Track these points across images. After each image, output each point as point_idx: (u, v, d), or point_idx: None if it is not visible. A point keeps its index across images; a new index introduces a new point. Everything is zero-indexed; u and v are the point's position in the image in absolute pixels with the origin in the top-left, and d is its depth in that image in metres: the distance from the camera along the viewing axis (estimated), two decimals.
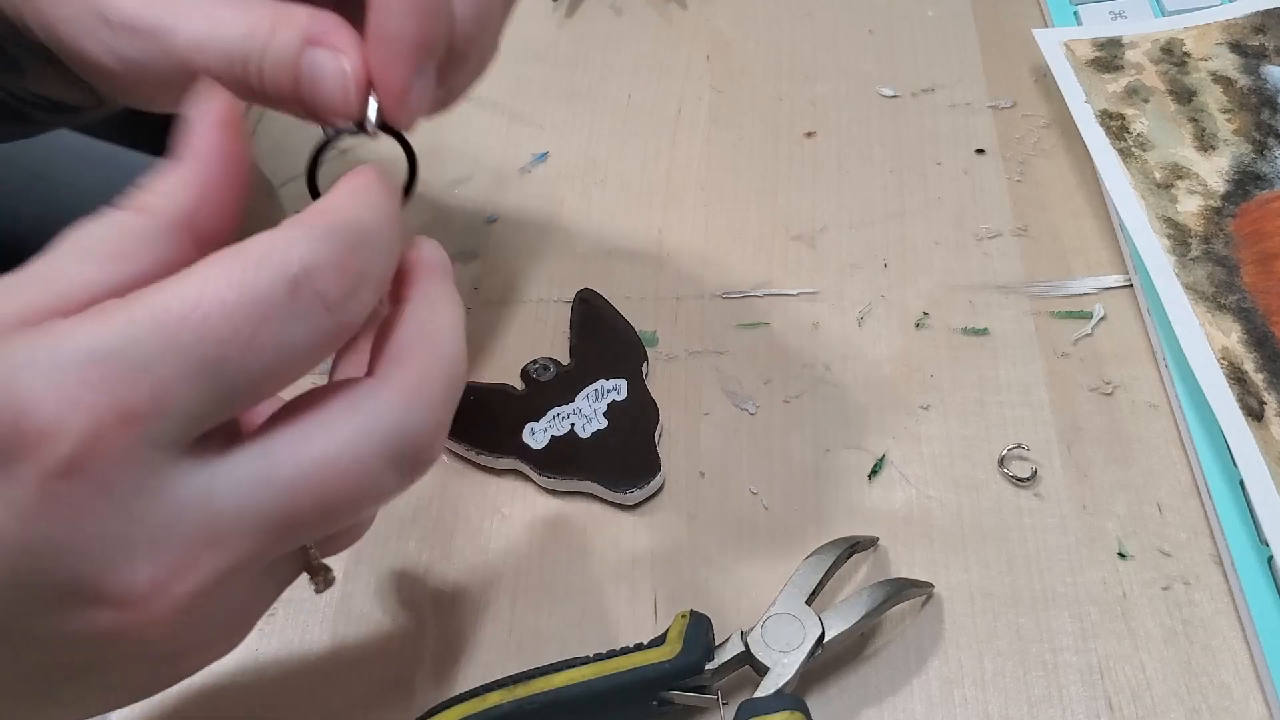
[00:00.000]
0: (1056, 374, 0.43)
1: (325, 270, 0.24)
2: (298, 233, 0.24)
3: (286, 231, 0.24)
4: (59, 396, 0.21)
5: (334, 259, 0.24)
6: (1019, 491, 0.40)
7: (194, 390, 0.22)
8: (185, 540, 0.23)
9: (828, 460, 0.41)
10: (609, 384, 0.42)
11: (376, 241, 0.25)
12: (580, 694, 0.34)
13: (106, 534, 0.22)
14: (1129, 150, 0.46)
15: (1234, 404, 0.38)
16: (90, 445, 0.22)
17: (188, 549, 0.23)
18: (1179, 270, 0.42)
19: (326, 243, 0.24)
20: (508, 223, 0.49)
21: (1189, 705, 0.35)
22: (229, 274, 0.23)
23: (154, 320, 0.22)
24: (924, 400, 0.42)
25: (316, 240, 0.24)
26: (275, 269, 0.23)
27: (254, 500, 0.24)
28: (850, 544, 0.37)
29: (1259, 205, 0.44)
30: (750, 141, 0.52)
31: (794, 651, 0.35)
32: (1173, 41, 0.50)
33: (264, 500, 0.24)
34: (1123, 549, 0.38)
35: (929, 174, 0.50)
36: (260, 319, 0.23)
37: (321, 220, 0.25)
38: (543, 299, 0.47)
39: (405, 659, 0.38)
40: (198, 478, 0.23)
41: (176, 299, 0.22)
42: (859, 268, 0.47)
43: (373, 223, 0.25)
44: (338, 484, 0.24)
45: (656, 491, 0.41)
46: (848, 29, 0.56)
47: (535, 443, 0.41)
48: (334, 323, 0.24)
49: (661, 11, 0.58)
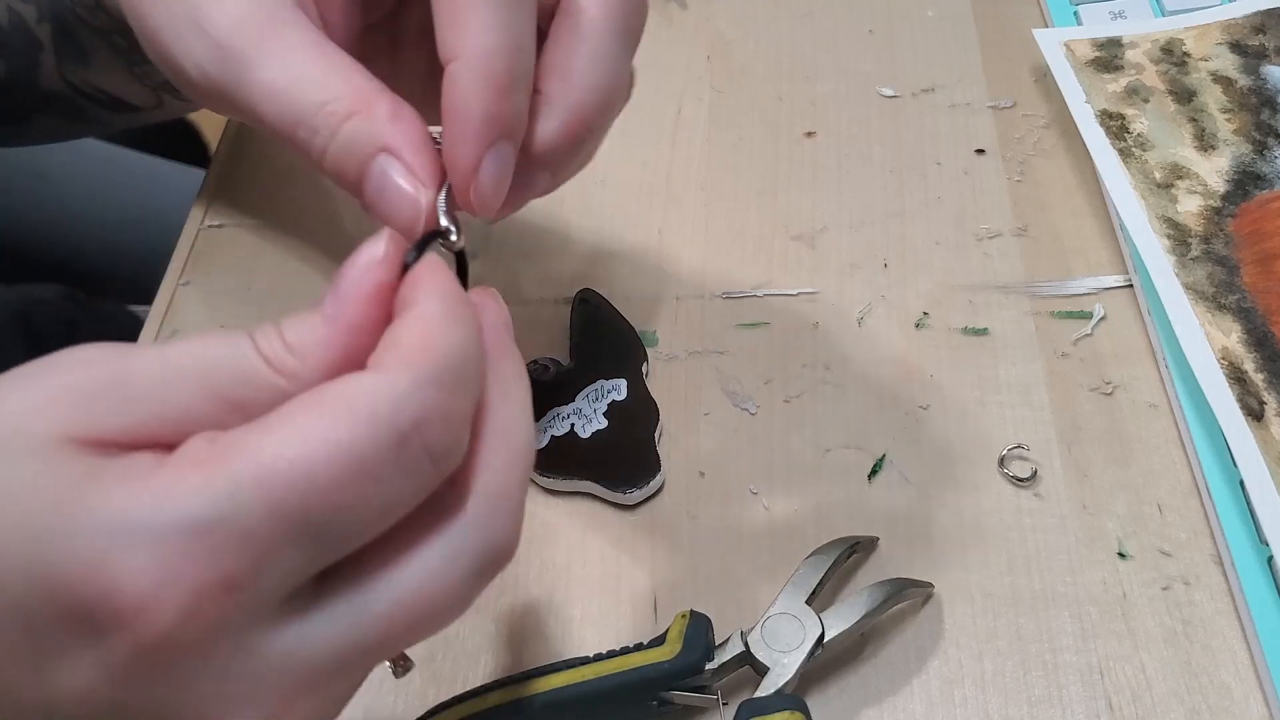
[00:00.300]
0: (1056, 374, 0.43)
1: (434, 424, 0.22)
2: (405, 382, 0.22)
3: (392, 378, 0.22)
4: (160, 570, 0.21)
5: (441, 409, 0.23)
6: (1019, 491, 0.40)
7: (296, 553, 0.22)
8: (283, 690, 0.23)
9: (828, 460, 0.41)
10: (609, 384, 0.42)
11: (474, 373, 0.24)
12: (580, 694, 0.34)
13: (204, 694, 0.22)
14: (1129, 150, 0.46)
15: (1234, 404, 0.38)
16: (189, 617, 0.21)
17: (285, 697, 0.23)
18: (1179, 270, 0.42)
19: (434, 391, 0.22)
20: (508, 223, 0.49)
21: (1189, 705, 0.35)
22: (335, 429, 0.22)
23: (258, 484, 0.21)
24: (924, 400, 0.42)
25: (424, 389, 0.22)
26: (384, 426, 0.22)
27: (348, 643, 0.23)
28: (850, 544, 0.37)
29: (1259, 205, 0.44)
30: (750, 141, 0.52)
31: (794, 651, 0.35)
32: (1173, 41, 0.50)
33: (358, 641, 0.23)
34: (1123, 549, 0.38)
35: (929, 174, 0.50)
36: (367, 479, 0.22)
37: (425, 362, 0.23)
38: (543, 299, 0.47)
39: None
40: (294, 630, 0.23)
41: (282, 459, 0.21)
42: (859, 268, 0.47)
43: (470, 353, 0.24)
44: (430, 610, 0.24)
45: (656, 491, 0.41)
46: (848, 29, 0.56)
47: (535, 443, 0.41)
48: (436, 473, 0.23)
49: (661, 11, 0.58)
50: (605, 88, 0.31)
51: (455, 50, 0.28)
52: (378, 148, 0.28)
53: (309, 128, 0.29)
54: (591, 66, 0.30)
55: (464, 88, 0.28)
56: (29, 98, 0.43)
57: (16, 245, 0.70)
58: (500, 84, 0.28)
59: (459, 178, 0.28)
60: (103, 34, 0.33)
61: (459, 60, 0.28)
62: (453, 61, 0.28)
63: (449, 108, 0.28)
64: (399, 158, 0.28)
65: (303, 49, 0.29)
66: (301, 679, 0.23)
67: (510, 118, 0.28)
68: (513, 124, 0.29)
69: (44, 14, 0.39)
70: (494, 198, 0.29)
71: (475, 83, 0.28)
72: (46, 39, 0.40)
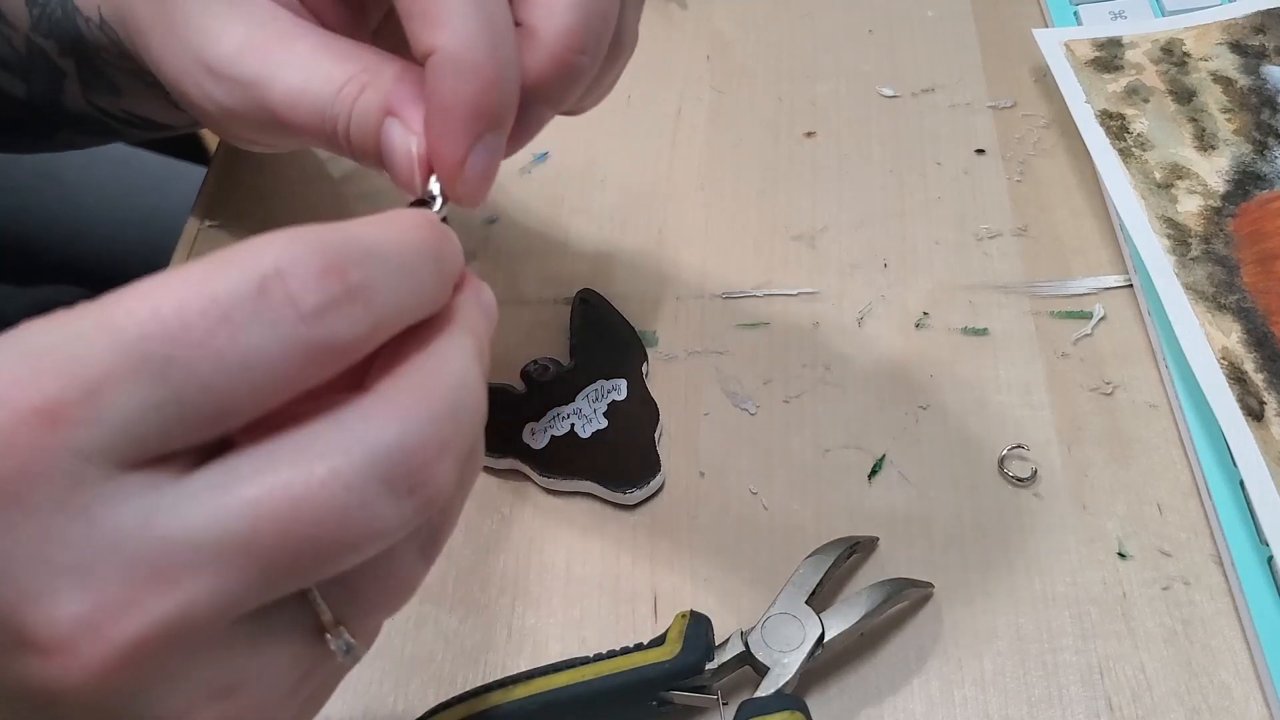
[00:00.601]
0: (1056, 374, 0.43)
1: (302, 274, 0.20)
2: (281, 235, 0.21)
3: (272, 234, 0.21)
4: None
5: (317, 264, 0.21)
6: (1019, 491, 0.40)
7: (135, 393, 0.19)
8: (122, 572, 0.19)
9: (828, 460, 0.41)
10: (609, 384, 0.42)
11: (390, 264, 0.22)
12: (580, 694, 0.34)
13: (20, 554, 0.19)
14: (1129, 150, 0.46)
15: (1234, 404, 0.38)
16: (2, 444, 0.19)
17: (126, 583, 0.19)
18: (1179, 270, 0.42)
19: (312, 248, 0.21)
20: (508, 223, 0.49)
21: (1189, 705, 0.35)
22: (194, 272, 0.20)
23: (98, 314, 0.19)
24: (924, 400, 0.43)
25: (300, 245, 0.21)
26: (243, 266, 0.20)
27: (208, 529, 0.20)
28: (850, 544, 0.37)
29: (1259, 205, 0.44)
30: (750, 141, 0.52)
31: (794, 651, 0.35)
32: (1173, 41, 0.50)
33: (221, 529, 0.20)
34: (1123, 549, 0.38)
35: (929, 174, 0.50)
36: (217, 317, 0.20)
37: (317, 229, 0.22)
38: (543, 299, 0.47)
39: (405, 659, 0.38)
40: (141, 500, 0.19)
41: (130, 295, 0.20)
42: (859, 268, 0.47)
43: (388, 245, 0.22)
44: (314, 509, 0.20)
45: (656, 491, 0.41)
46: (848, 29, 0.56)
47: (535, 443, 0.41)
48: (309, 335, 0.20)
49: (661, 11, 0.58)
50: (590, 10, 0.29)
51: (431, 43, 0.27)
52: (383, 111, 0.28)
53: (330, 118, 0.29)
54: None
55: (445, 83, 0.27)
56: (55, 116, 0.43)
57: (29, 246, 0.70)
58: (484, 77, 0.26)
59: (444, 172, 0.28)
60: (132, 73, 0.33)
61: (437, 54, 0.27)
62: (431, 55, 0.27)
63: (430, 103, 0.27)
64: (400, 116, 0.28)
65: (309, 51, 0.29)
66: (149, 564, 0.19)
67: (497, 109, 0.27)
68: (500, 114, 0.27)
69: (66, 49, 0.39)
70: (481, 189, 0.28)
71: (457, 77, 0.26)
72: (71, 70, 0.40)
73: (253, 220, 0.50)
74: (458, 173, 0.27)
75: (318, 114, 0.29)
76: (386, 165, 0.29)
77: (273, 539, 0.20)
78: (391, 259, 0.22)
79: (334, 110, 0.29)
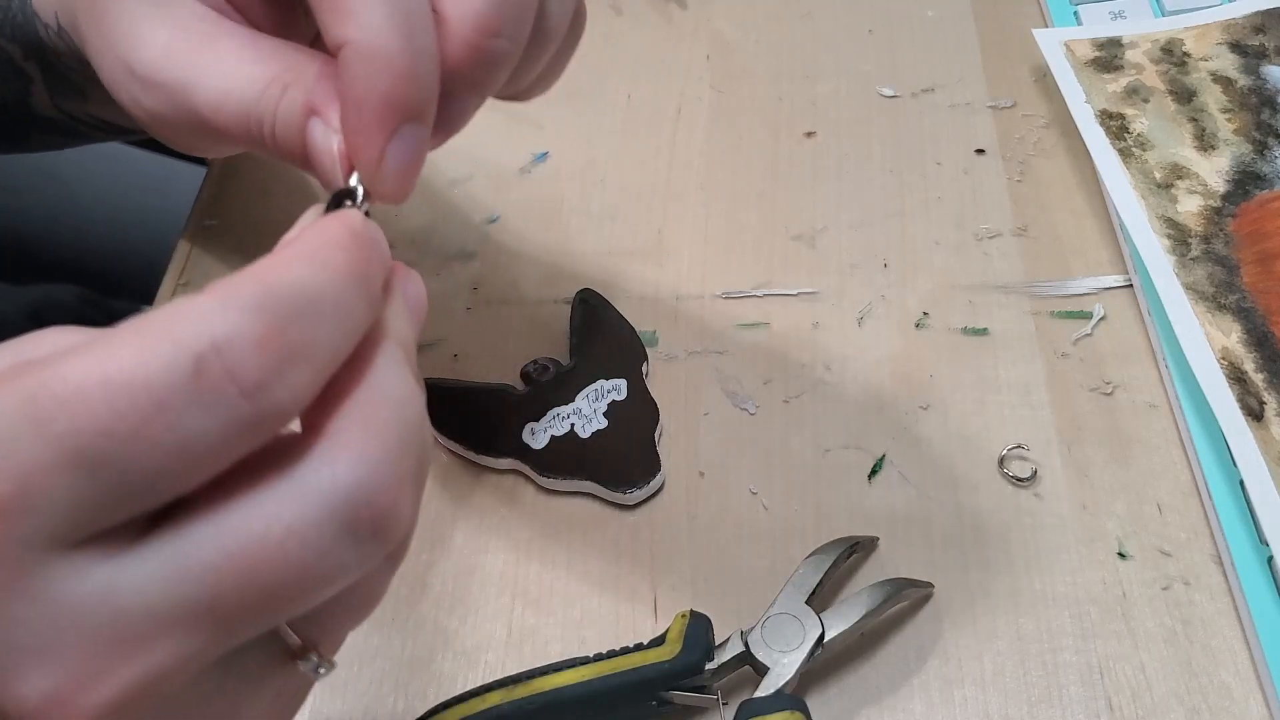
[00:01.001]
0: (1056, 374, 0.43)
1: (241, 347, 0.20)
2: (212, 301, 0.20)
3: (203, 300, 0.20)
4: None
5: (255, 334, 0.20)
6: (1019, 491, 0.40)
7: (71, 484, 0.19)
8: (86, 645, 0.19)
9: (828, 460, 0.41)
10: (609, 384, 0.42)
11: (325, 309, 0.21)
12: (580, 694, 0.34)
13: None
14: (1129, 150, 0.46)
15: (1234, 404, 0.38)
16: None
17: (91, 655, 0.19)
18: (1179, 270, 0.42)
19: (248, 314, 0.20)
20: (508, 223, 0.49)
21: (1189, 705, 0.35)
22: (124, 350, 0.19)
23: (25, 402, 0.19)
24: (924, 400, 0.42)
25: (234, 311, 0.20)
26: (177, 345, 0.19)
27: (167, 594, 0.20)
28: (850, 544, 0.38)
29: (1259, 205, 0.44)
30: (750, 141, 0.52)
31: (794, 651, 0.35)
32: (1173, 41, 0.50)
33: (180, 593, 0.20)
34: (1123, 549, 0.38)
35: (929, 174, 0.50)
36: (152, 406, 0.19)
37: (249, 286, 0.20)
38: (543, 299, 0.47)
39: (405, 659, 0.38)
40: (97, 573, 0.20)
41: (57, 378, 0.19)
42: (859, 268, 0.47)
43: (324, 287, 0.21)
44: (274, 568, 0.20)
45: (656, 491, 0.41)
46: (848, 29, 0.56)
47: (535, 443, 0.41)
48: (253, 411, 0.20)
49: (661, 11, 0.58)
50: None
51: (341, 35, 0.25)
52: (306, 110, 0.27)
53: (256, 119, 0.28)
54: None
55: (357, 76, 0.25)
56: (25, 119, 0.43)
57: (28, 245, 0.70)
58: (396, 68, 0.25)
59: (363, 169, 0.26)
60: (94, 79, 0.33)
61: (348, 47, 0.25)
62: (342, 48, 0.25)
63: (344, 98, 0.26)
64: (322, 114, 0.27)
65: (232, 53, 0.29)
66: (112, 634, 0.20)
67: (413, 100, 0.26)
68: (417, 106, 0.26)
69: (30, 53, 0.39)
70: (404, 184, 0.27)
71: (368, 69, 0.25)
72: (36, 75, 0.40)
73: (252, 220, 0.50)
74: (377, 167, 0.26)
75: (243, 117, 0.28)
76: (312, 166, 0.28)
77: (235, 598, 0.20)
78: (326, 301, 0.21)
79: (258, 112, 0.28)
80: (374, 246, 0.24)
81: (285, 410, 0.20)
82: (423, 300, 0.26)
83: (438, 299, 0.47)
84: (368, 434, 0.21)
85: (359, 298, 0.22)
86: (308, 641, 0.23)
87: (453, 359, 0.45)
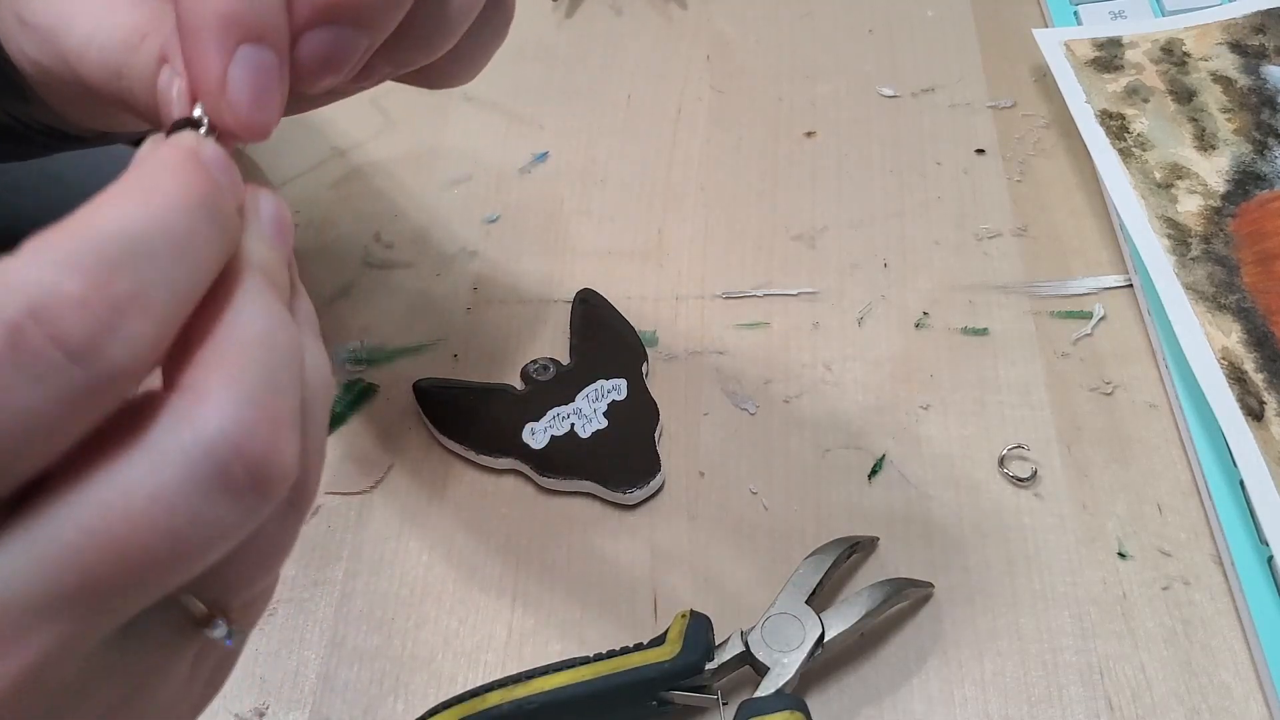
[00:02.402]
0: (1056, 374, 0.43)
1: (61, 308, 0.18)
2: (24, 261, 0.18)
3: (13, 262, 0.18)
4: None
5: (75, 288, 0.18)
6: (1019, 491, 0.40)
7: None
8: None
9: (828, 460, 0.41)
10: (609, 384, 0.42)
11: (159, 249, 0.19)
12: (580, 694, 0.34)
13: None
14: (1129, 150, 0.46)
15: (1234, 404, 0.38)
16: None
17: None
18: (1179, 270, 0.42)
19: (66, 270, 0.18)
20: (508, 223, 0.49)
21: (1189, 705, 0.35)
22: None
23: None
24: (924, 400, 0.43)
25: (49, 268, 0.18)
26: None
27: (31, 582, 0.18)
28: (850, 544, 0.38)
29: (1259, 205, 0.44)
30: (750, 141, 0.52)
31: (794, 651, 0.35)
32: (1173, 41, 0.50)
33: (45, 579, 0.18)
34: (1123, 549, 0.38)
35: (929, 174, 0.50)
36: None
37: (65, 239, 0.18)
38: (543, 299, 0.47)
39: (405, 659, 0.38)
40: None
41: None
42: (859, 268, 0.47)
43: (157, 223, 0.19)
44: (140, 534, 0.19)
45: (656, 491, 0.41)
46: (848, 29, 0.56)
47: (535, 443, 0.41)
48: (88, 375, 0.18)
49: (661, 11, 0.58)
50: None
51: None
52: (159, 58, 0.25)
53: (115, 71, 0.26)
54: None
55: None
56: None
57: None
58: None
59: (206, 97, 0.24)
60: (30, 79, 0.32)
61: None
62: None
63: (179, 20, 0.24)
64: (172, 60, 0.25)
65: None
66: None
67: (250, 17, 0.23)
68: (254, 24, 0.24)
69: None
70: (253, 114, 0.24)
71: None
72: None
73: None
74: (221, 92, 0.23)
75: (105, 66, 0.26)
76: (162, 117, 0.25)
77: (105, 576, 0.19)
78: (161, 239, 0.19)
79: (118, 60, 0.26)
80: (220, 170, 0.21)
81: (128, 369, 0.19)
82: (285, 219, 0.24)
83: (438, 299, 0.47)
84: (228, 379, 0.20)
85: (205, 229, 0.20)
86: (213, 606, 0.22)
87: (453, 359, 0.45)
